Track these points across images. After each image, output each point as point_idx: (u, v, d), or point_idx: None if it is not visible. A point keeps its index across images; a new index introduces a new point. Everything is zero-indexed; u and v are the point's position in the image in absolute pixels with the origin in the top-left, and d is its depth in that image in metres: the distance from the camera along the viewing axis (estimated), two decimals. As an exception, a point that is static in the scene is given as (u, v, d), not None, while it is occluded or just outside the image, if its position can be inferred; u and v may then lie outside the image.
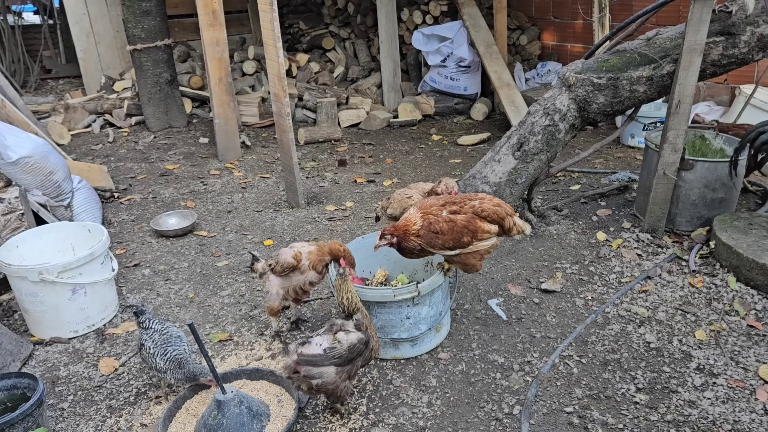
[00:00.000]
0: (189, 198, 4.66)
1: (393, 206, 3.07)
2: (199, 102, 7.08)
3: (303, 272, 2.64)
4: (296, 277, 2.65)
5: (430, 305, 2.56)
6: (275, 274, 2.67)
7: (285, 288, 2.66)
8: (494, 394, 2.37)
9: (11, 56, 8.75)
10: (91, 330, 2.95)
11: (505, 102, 5.85)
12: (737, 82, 5.05)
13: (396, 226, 2.45)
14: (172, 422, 2.27)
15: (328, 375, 2.12)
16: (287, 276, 2.65)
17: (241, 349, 2.75)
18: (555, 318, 2.84)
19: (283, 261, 2.64)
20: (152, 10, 5.94)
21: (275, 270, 2.66)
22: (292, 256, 2.63)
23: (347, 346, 2.15)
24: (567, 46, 6.75)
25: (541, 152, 3.47)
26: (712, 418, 2.18)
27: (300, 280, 2.65)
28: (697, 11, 3.00)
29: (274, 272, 2.67)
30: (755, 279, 2.89)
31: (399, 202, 3.05)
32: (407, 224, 2.42)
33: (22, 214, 3.40)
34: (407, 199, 3.03)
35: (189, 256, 3.71)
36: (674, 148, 3.28)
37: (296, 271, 2.64)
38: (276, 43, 3.82)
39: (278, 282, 2.66)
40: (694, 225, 3.49)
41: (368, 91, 6.94)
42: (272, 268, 2.68)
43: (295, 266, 2.63)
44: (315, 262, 2.63)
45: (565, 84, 3.46)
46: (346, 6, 7.67)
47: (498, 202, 2.52)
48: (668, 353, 2.54)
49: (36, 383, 2.19)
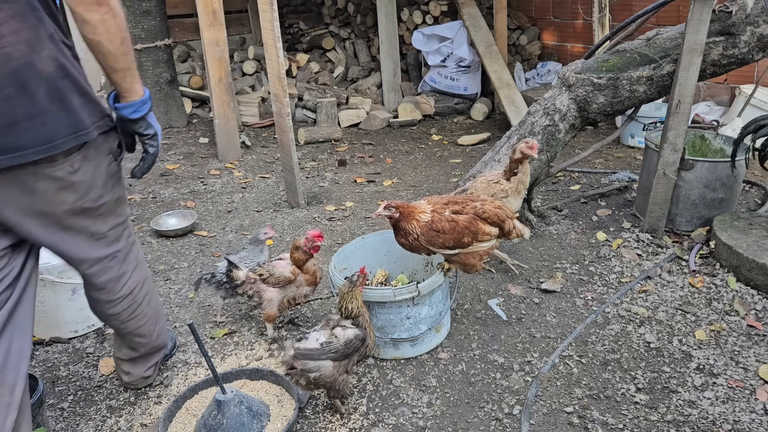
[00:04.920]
0: (189, 198, 4.66)
1: (478, 193, 2.89)
2: (199, 102, 7.08)
3: (298, 286, 2.65)
4: (291, 289, 2.66)
5: (430, 305, 2.56)
6: (267, 284, 2.67)
7: (281, 298, 2.67)
8: (494, 394, 2.37)
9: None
10: (91, 330, 2.95)
11: (505, 102, 5.85)
12: (737, 82, 5.05)
13: (404, 204, 2.43)
14: (172, 422, 2.27)
15: (325, 369, 2.13)
16: (282, 287, 2.66)
17: (241, 349, 2.75)
18: (555, 318, 2.84)
19: (279, 274, 2.65)
20: (152, 10, 5.94)
21: (268, 281, 2.66)
22: (290, 271, 2.64)
23: (344, 341, 2.16)
24: (567, 46, 6.75)
25: (541, 152, 3.46)
26: (712, 418, 2.18)
27: (296, 292, 2.67)
28: (697, 11, 3.00)
29: (266, 283, 2.67)
30: (755, 279, 2.89)
31: (485, 189, 2.91)
32: (415, 208, 2.42)
33: (22, 214, 3.40)
34: (494, 185, 2.92)
35: (189, 256, 3.71)
36: (674, 148, 3.28)
37: (292, 284, 2.66)
38: (276, 43, 3.82)
39: (275, 291, 2.67)
40: (694, 225, 3.49)
41: (368, 91, 6.94)
42: (264, 279, 2.67)
43: (291, 280, 2.64)
44: (310, 280, 2.66)
45: (565, 84, 3.46)
46: (346, 6, 7.67)
47: (499, 205, 2.53)
48: (668, 353, 2.54)
49: (36, 383, 2.19)
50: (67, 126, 1.67)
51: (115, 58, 1.71)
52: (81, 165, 1.76)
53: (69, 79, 1.67)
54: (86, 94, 1.73)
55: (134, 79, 1.79)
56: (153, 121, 1.92)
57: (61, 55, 1.65)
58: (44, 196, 1.72)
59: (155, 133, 1.91)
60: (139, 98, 1.82)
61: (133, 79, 1.79)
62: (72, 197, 1.78)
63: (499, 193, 2.94)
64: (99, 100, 1.79)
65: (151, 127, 1.90)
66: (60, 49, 1.65)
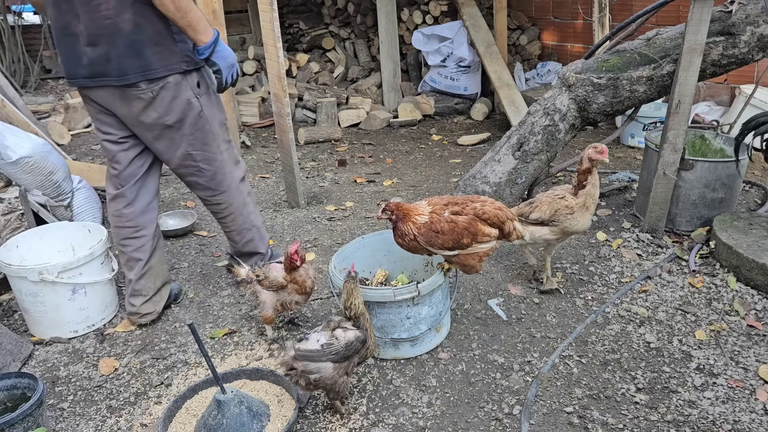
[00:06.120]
0: (189, 198, 4.66)
1: (541, 209, 2.82)
2: (199, 102, 7.08)
3: (290, 293, 2.65)
4: (283, 295, 2.66)
5: (430, 305, 2.56)
6: (263, 287, 2.67)
7: (274, 301, 2.68)
8: (494, 394, 2.37)
9: (11, 56, 8.75)
10: (91, 330, 2.95)
11: (505, 102, 5.85)
12: (737, 82, 5.05)
13: (401, 206, 2.43)
14: (172, 422, 2.27)
15: (325, 370, 2.13)
16: (275, 291, 2.66)
17: (241, 349, 2.75)
18: (555, 318, 2.84)
19: (273, 278, 2.65)
20: (152, 10, 5.94)
21: (263, 284, 2.66)
22: (283, 277, 2.64)
23: (344, 343, 2.15)
24: (567, 46, 6.75)
25: (541, 152, 3.47)
26: (712, 418, 2.18)
27: (287, 298, 2.66)
28: (697, 11, 3.00)
29: (261, 285, 2.67)
30: (755, 279, 2.89)
31: (549, 204, 2.81)
32: (412, 210, 2.42)
33: (22, 214, 3.40)
34: (559, 200, 2.78)
35: (189, 256, 3.71)
36: (674, 148, 3.28)
37: (284, 290, 2.65)
38: (276, 43, 3.82)
39: (269, 294, 2.67)
40: (694, 225, 3.49)
41: (368, 91, 6.94)
42: (260, 281, 2.67)
43: (284, 285, 2.64)
44: (299, 290, 2.66)
45: (565, 84, 3.46)
46: (346, 6, 7.67)
47: (499, 206, 2.52)
48: (668, 353, 2.54)
49: (36, 383, 2.19)
50: (138, 66, 2.41)
51: (174, 19, 2.35)
52: (159, 93, 2.48)
53: (143, 35, 2.37)
54: (159, 46, 2.41)
55: (195, 32, 2.40)
56: (218, 58, 2.51)
57: (140, 17, 2.34)
58: (137, 110, 2.52)
59: (219, 69, 2.54)
60: (202, 45, 2.46)
61: (194, 32, 2.40)
62: (154, 114, 2.52)
63: (563, 209, 2.78)
64: (174, 51, 2.46)
65: (215, 65, 2.53)
66: (140, 13, 2.34)
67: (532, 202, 2.92)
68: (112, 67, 2.40)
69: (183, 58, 2.49)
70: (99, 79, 2.46)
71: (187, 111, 2.57)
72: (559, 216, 2.79)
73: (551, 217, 2.80)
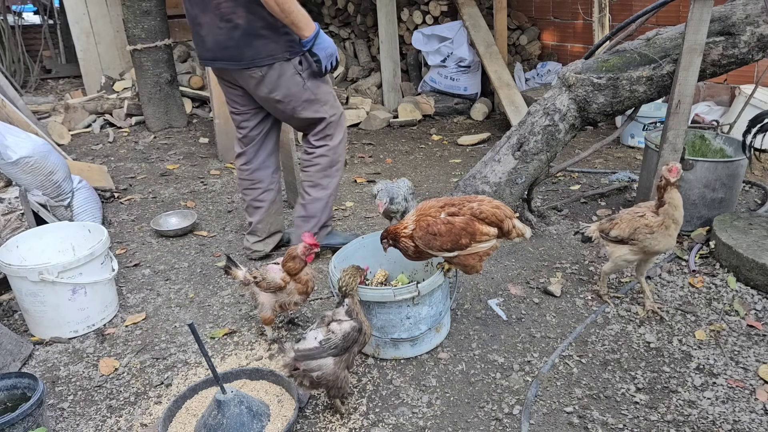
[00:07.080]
0: (189, 198, 4.66)
1: (620, 227, 2.72)
2: (199, 102, 7.09)
3: (289, 294, 2.65)
4: (282, 296, 2.66)
5: (430, 305, 2.56)
6: (260, 288, 2.67)
7: (273, 302, 2.67)
8: (494, 394, 2.37)
9: (11, 56, 8.76)
10: (91, 330, 2.95)
11: (505, 102, 5.85)
12: (737, 82, 5.05)
13: (388, 230, 2.50)
14: (172, 422, 2.27)
15: (327, 366, 2.13)
16: (273, 293, 2.66)
17: (241, 349, 2.75)
18: (555, 318, 2.84)
19: (270, 279, 2.64)
20: (152, 10, 5.94)
21: (260, 285, 2.66)
22: (281, 278, 2.63)
23: (341, 335, 2.16)
24: (567, 46, 6.75)
25: (541, 152, 3.47)
26: (712, 418, 2.18)
27: (286, 299, 2.66)
28: (697, 11, 3.00)
29: (259, 287, 2.67)
30: (755, 279, 2.89)
31: (629, 222, 2.70)
32: (398, 228, 2.49)
33: (22, 214, 3.40)
34: (639, 218, 2.67)
35: (189, 256, 3.71)
36: (674, 148, 3.28)
37: (282, 291, 2.65)
38: (276, 43, 3.82)
39: (267, 296, 2.67)
40: (694, 225, 3.49)
41: (368, 91, 6.94)
42: (257, 282, 2.67)
43: (282, 287, 2.64)
44: (301, 290, 2.66)
45: (565, 84, 3.46)
46: (346, 6, 7.67)
47: (497, 204, 2.52)
48: (668, 353, 2.54)
49: (36, 383, 2.19)
50: (250, 54, 2.91)
51: (280, 18, 2.79)
52: (267, 73, 2.95)
53: (253, 29, 2.85)
54: (266, 38, 2.88)
55: (298, 29, 2.85)
56: (318, 50, 2.95)
57: (251, 14, 2.82)
58: (252, 86, 3.04)
59: (319, 59, 2.97)
60: (304, 38, 2.89)
61: (296, 28, 2.84)
62: (265, 90, 3.02)
63: (642, 228, 2.65)
64: (279, 42, 2.90)
65: (316, 55, 2.96)
66: (251, 11, 2.81)
67: (612, 218, 2.81)
68: (229, 53, 2.93)
69: (287, 48, 2.93)
70: (220, 62, 3.02)
71: (291, 87, 3.02)
72: (638, 235, 2.67)
73: (630, 236, 2.69)
